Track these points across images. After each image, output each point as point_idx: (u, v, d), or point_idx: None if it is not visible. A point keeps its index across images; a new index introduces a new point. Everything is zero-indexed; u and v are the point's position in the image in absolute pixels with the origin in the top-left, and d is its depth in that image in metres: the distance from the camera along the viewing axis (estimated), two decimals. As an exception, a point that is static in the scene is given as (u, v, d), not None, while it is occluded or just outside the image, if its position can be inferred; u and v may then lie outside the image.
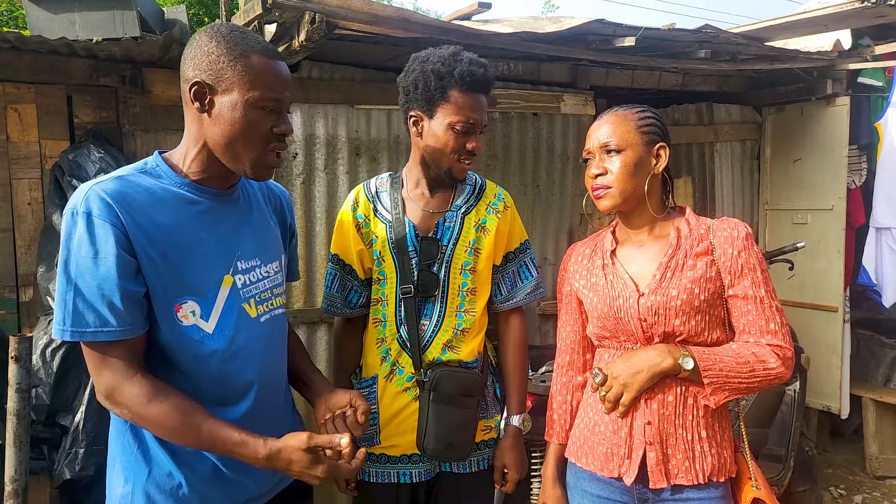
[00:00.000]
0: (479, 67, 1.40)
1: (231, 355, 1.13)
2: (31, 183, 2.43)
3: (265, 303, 1.21)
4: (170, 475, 1.11)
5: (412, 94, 1.42)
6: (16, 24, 7.50)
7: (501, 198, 1.56)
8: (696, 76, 3.21)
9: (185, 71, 1.10)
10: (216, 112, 1.09)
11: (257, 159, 1.12)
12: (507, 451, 1.51)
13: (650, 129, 1.28)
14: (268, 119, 1.11)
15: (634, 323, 1.25)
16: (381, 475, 1.49)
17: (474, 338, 1.50)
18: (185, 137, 1.15)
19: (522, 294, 1.56)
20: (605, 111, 1.34)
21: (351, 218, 1.51)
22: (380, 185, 1.54)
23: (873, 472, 3.28)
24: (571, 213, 2.93)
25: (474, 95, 1.40)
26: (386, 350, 1.49)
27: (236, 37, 1.10)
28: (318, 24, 1.79)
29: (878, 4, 2.63)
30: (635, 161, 1.26)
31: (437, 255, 1.46)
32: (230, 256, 1.15)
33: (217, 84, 1.08)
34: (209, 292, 1.11)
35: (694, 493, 1.23)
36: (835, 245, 3.17)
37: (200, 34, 1.12)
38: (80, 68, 2.40)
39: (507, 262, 1.56)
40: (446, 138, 1.40)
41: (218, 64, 1.07)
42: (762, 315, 1.22)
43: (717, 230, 1.27)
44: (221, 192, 1.17)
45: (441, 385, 1.43)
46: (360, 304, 1.55)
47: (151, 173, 1.12)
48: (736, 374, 1.19)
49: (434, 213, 1.49)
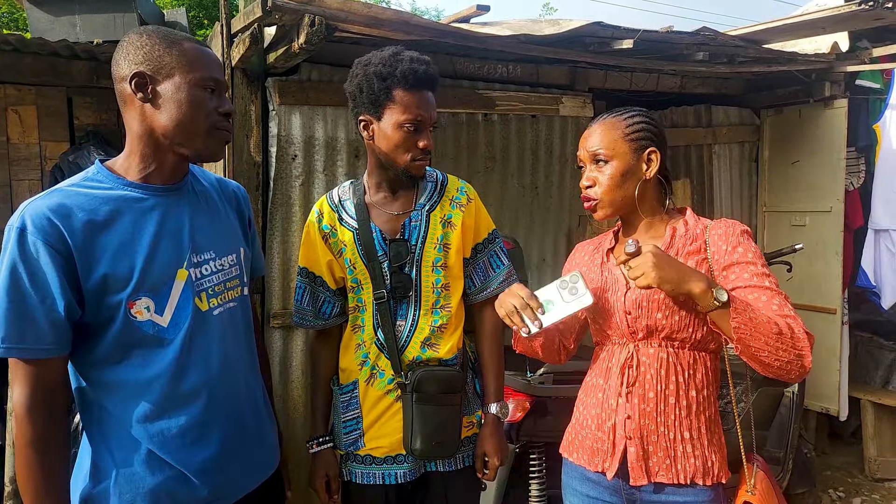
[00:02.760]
0: (421, 65, 1.40)
1: (186, 347, 1.14)
2: (31, 184, 2.44)
3: (218, 296, 1.21)
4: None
5: (358, 99, 1.43)
6: (16, 26, 7.52)
7: (464, 191, 1.56)
8: (694, 78, 3.21)
9: (120, 70, 1.12)
10: (161, 99, 1.11)
11: (207, 136, 1.15)
12: (487, 439, 1.52)
13: (639, 136, 1.28)
14: (211, 99, 1.14)
15: (620, 316, 1.27)
16: (366, 476, 1.50)
17: (452, 334, 1.51)
18: (128, 138, 1.16)
19: (496, 283, 1.56)
20: (596, 117, 1.34)
21: (317, 229, 1.51)
22: (342, 193, 1.54)
23: (872, 475, 3.28)
24: (570, 215, 2.94)
25: (419, 93, 1.40)
26: (365, 354, 1.50)
27: (164, 31, 1.14)
28: (317, 26, 1.80)
29: (876, 7, 2.64)
30: (623, 171, 1.26)
31: (407, 256, 1.47)
32: (182, 250, 1.16)
33: (157, 72, 1.11)
34: (162, 287, 1.12)
35: (680, 497, 1.23)
36: (833, 247, 3.17)
37: (128, 35, 1.15)
38: (80, 70, 2.41)
39: (476, 253, 1.57)
40: (397, 138, 1.40)
41: (154, 53, 1.11)
42: (772, 301, 1.17)
43: (713, 229, 1.27)
44: (167, 187, 1.17)
45: (423, 385, 1.44)
46: (335, 315, 1.55)
47: (93, 180, 1.13)
48: (764, 330, 1.10)
49: (399, 214, 1.50)
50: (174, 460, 1.13)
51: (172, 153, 1.15)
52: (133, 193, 1.13)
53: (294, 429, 2.26)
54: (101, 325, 1.09)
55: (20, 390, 1.05)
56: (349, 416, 1.52)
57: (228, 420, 1.19)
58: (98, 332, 1.10)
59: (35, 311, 1.03)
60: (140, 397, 1.12)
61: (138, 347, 1.11)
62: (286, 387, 2.30)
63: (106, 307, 1.08)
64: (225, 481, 1.19)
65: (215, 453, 1.17)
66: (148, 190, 1.15)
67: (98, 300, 1.07)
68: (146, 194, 1.15)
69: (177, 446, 1.13)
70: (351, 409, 1.52)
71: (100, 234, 1.08)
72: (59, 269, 1.03)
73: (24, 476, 1.06)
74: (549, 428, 2.06)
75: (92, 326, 1.09)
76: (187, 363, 1.14)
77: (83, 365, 1.13)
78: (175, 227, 1.16)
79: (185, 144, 1.14)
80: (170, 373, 1.12)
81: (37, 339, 1.04)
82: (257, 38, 1.96)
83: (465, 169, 2.68)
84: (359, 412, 1.50)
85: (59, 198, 1.07)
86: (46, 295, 1.03)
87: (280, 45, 2.02)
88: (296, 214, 2.28)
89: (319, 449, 1.53)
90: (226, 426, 1.18)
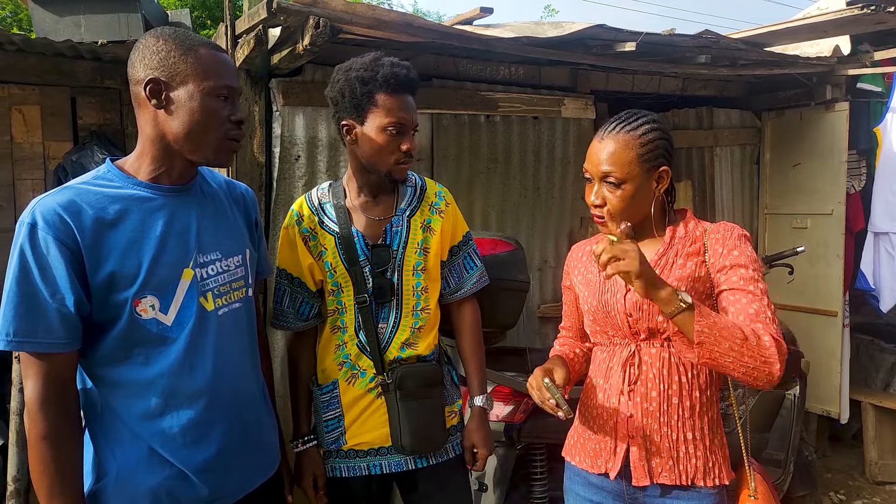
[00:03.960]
0: (402, 69, 1.42)
1: (190, 347, 1.15)
2: (34, 184, 2.44)
3: (223, 296, 1.22)
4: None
5: (341, 104, 1.44)
6: (20, 26, 7.53)
7: (442, 196, 1.59)
8: (696, 81, 3.22)
9: (136, 73, 1.13)
10: (174, 106, 1.12)
11: (218, 145, 1.16)
12: (474, 432, 1.56)
13: (653, 154, 1.22)
14: (224, 107, 1.15)
15: (621, 318, 1.27)
16: (352, 469, 1.52)
17: (430, 333, 1.55)
18: (140, 140, 1.17)
19: (470, 284, 1.61)
20: (607, 126, 1.26)
21: (297, 232, 1.52)
22: (321, 195, 1.55)
23: (873, 478, 3.27)
24: (572, 216, 2.94)
25: (401, 96, 1.42)
26: (346, 355, 1.51)
27: (181, 34, 1.14)
28: (322, 28, 1.80)
29: (878, 11, 2.65)
30: (634, 193, 1.22)
31: (389, 261, 1.49)
32: (189, 250, 1.17)
33: (171, 79, 1.11)
34: (168, 286, 1.13)
35: (684, 500, 1.23)
36: (834, 249, 3.17)
37: (145, 37, 1.15)
38: (84, 70, 2.41)
39: (452, 255, 1.60)
40: (380, 141, 1.41)
41: (169, 59, 1.11)
42: (751, 304, 1.17)
43: (712, 232, 1.27)
44: (176, 187, 1.18)
45: (404, 382, 1.47)
46: (313, 316, 1.56)
47: (104, 178, 1.14)
48: (728, 335, 1.09)
49: (380, 219, 1.51)
50: (175, 459, 1.13)
51: (182, 158, 1.17)
52: (142, 193, 1.14)
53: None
54: (107, 323, 1.10)
55: (32, 385, 1.06)
56: (330, 415, 1.53)
57: (230, 420, 1.19)
58: (103, 329, 1.10)
59: (46, 305, 1.04)
60: (142, 395, 1.12)
61: (142, 345, 1.12)
62: (288, 387, 2.30)
63: (112, 304, 1.09)
64: (225, 481, 1.19)
65: (216, 453, 1.17)
66: (157, 190, 1.16)
67: (104, 297, 1.08)
68: (155, 194, 1.16)
69: (178, 445, 1.14)
70: (332, 408, 1.53)
71: (108, 231, 1.09)
72: (68, 265, 1.04)
73: (37, 471, 1.06)
74: (551, 429, 2.06)
75: (97, 324, 1.10)
76: (190, 362, 1.15)
77: (86, 362, 1.13)
78: (182, 227, 1.17)
79: (196, 152, 1.16)
80: (173, 371, 1.13)
81: (48, 333, 1.04)
82: (262, 39, 1.97)
83: (468, 170, 2.68)
84: (340, 411, 1.52)
85: (69, 195, 1.08)
86: (56, 290, 1.04)
87: (284, 47, 2.03)
88: (299, 215, 2.28)
89: (304, 448, 1.54)
90: (227, 426, 1.19)
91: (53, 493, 1.06)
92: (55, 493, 1.06)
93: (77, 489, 1.09)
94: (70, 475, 1.08)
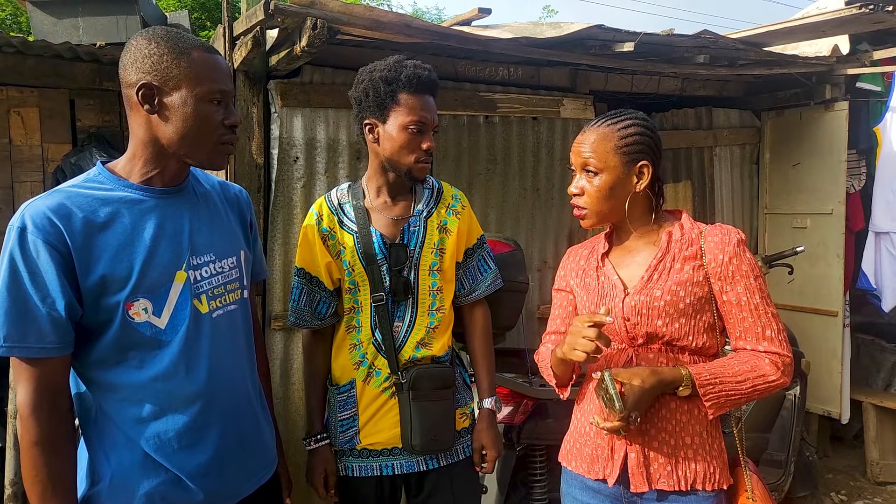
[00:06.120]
0: (424, 70, 1.47)
1: (184, 350, 1.14)
2: (33, 186, 2.44)
3: (218, 298, 1.21)
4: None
5: (364, 104, 1.48)
6: (19, 28, 7.54)
7: (458, 198, 1.63)
8: (695, 81, 3.22)
9: (127, 76, 1.11)
10: (167, 111, 1.11)
11: (213, 150, 1.16)
12: (484, 433, 1.58)
13: (632, 148, 1.24)
14: (218, 111, 1.14)
15: (619, 322, 1.27)
16: (364, 469, 1.53)
17: (444, 333, 1.57)
18: (132, 142, 1.16)
19: (484, 286, 1.64)
20: (590, 121, 1.31)
21: (316, 231, 1.54)
22: (341, 196, 1.58)
23: (874, 478, 3.27)
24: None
25: (423, 96, 1.47)
26: (362, 354, 1.53)
27: (174, 36, 1.12)
28: (319, 29, 1.80)
29: (877, 10, 2.65)
30: (611, 184, 1.25)
31: (406, 260, 1.52)
32: (181, 252, 1.16)
33: (164, 84, 1.10)
34: (160, 288, 1.12)
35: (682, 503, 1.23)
36: (834, 249, 3.17)
37: (137, 38, 1.13)
38: (83, 72, 2.41)
39: (467, 257, 1.63)
40: (402, 139, 1.45)
41: (162, 63, 1.09)
42: (758, 322, 1.22)
43: (709, 235, 1.27)
44: (168, 189, 1.18)
45: (419, 383, 1.49)
46: (329, 315, 1.58)
47: (94, 181, 1.13)
48: (736, 391, 1.19)
49: (398, 219, 1.54)
50: (170, 463, 1.13)
51: (176, 161, 1.16)
52: (133, 195, 1.13)
53: (295, 431, 2.25)
54: (99, 327, 1.09)
55: (24, 390, 1.05)
56: (346, 414, 1.55)
57: (225, 423, 1.18)
58: (96, 333, 1.09)
59: (36, 309, 1.03)
60: (137, 399, 1.11)
61: (136, 349, 1.11)
62: (287, 389, 2.30)
63: (104, 308, 1.08)
64: (221, 485, 1.19)
65: (211, 457, 1.16)
66: (148, 192, 1.15)
67: (96, 301, 1.07)
68: (146, 196, 1.15)
69: (173, 449, 1.13)
70: (348, 407, 1.55)
71: (99, 234, 1.08)
72: (58, 269, 1.03)
73: (30, 477, 1.05)
74: (551, 430, 2.06)
75: (90, 327, 1.09)
76: (185, 366, 1.14)
77: (80, 366, 1.12)
78: (174, 228, 1.16)
79: (190, 156, 1.15)
80: (167, 375, 1.12)
81: (39, 338, 1.04)
82: (259, 41, 1.97)
83: (467, 171, 2.68)
84: (356, 410, 1.54)
85: (59, 198, 1.07)
86: (47, 294, 1.03)
87: (282, 48, 2.03)
88: (297, 216, 2.28)
89: (317, 446, 1.56)
90: (223, 430, 1.18)
91: (46, 498, 1.05)
92: (47, 498, 1.05)
93: (70, 495, 1.08)
94: (62, 481, 1.07)
